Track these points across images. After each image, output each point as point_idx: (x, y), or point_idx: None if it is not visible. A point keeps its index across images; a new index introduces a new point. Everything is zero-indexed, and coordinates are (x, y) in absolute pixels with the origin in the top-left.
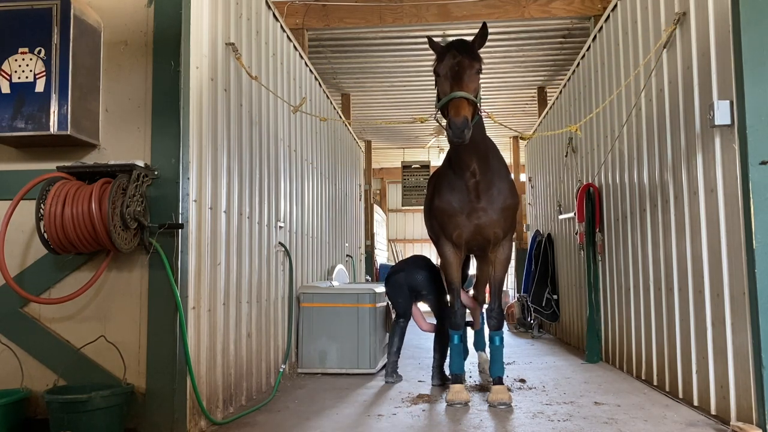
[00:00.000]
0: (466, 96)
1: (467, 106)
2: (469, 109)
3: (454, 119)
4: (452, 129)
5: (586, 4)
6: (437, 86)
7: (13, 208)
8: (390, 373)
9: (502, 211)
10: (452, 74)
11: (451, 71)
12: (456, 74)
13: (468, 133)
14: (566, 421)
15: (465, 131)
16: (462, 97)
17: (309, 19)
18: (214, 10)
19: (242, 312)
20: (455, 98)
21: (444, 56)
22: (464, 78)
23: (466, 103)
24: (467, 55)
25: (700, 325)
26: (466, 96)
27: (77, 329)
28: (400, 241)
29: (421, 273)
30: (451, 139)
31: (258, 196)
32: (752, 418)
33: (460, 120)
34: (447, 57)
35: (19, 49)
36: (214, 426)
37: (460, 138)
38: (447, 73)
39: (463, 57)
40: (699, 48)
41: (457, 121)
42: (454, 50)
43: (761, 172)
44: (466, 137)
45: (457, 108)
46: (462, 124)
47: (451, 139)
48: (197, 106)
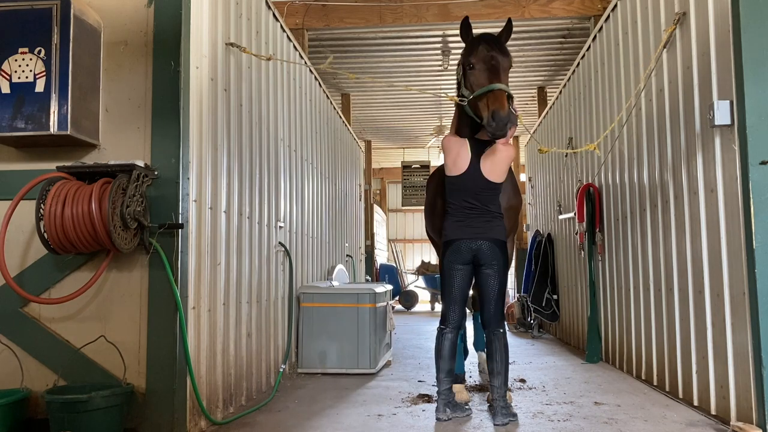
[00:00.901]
0: (507, 90)
1: (508, 101)
2: (509, 103)
3: (500, 111)
4: (496, 121)
5: (586, 4)
6: (466, 76)
7: (13, 208)
8: (441, 407)
9: (506, 210)
10: (490, 66)
11: (487, 64)
12: (494, 67)
13: (510, 127)
14: (566, 421)
15: (508, 125)
16: (505, 91)
17: (309, 19)
18: (214, 10)
19: (242, 312)
20: (497, 90)
21: (477, 47)
22: (502, 74)
23: (505, 97)
24: (501, 50)
25: (700, 325)
26: (507, 90)
27: (77, 329)
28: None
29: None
30: (494, 132)
31: (258, 196)
32: (752, 418)
33: (506, 112)
34: (482, 48)
35: (19, 49)
36: (214, 426)
37: (503, 132)
38: (484, 65)
39: (498, 51)
40: (699, 48)
41: (502, 114)
42: (487, 43)
43: (761, 172)
44: (506, 132)
45: (502, 100)
46: (506, 117)
47: (493, 132)
48: (197, 106)
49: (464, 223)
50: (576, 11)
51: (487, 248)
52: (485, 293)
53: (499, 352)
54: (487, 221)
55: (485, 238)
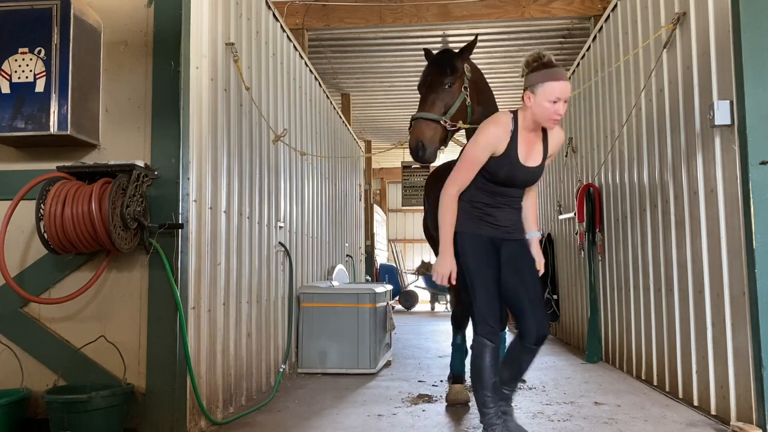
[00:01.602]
0: (425, 116)
1: (427, 127)
2: (431, 129)
3: (409, 142)
4: (410, 151)
5: (586, 4)
6: None
7: (13, 208)
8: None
9: None
10: (423, 93)
11: (421, 90)
12: (424, 95)
13: (425, 154)
14: (566, 421)
15: (420, 153)
16: (419, 119)
17: (309, 19)
18: (214, 10)
19: (242, 312)
20: (413, 119)
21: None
22: (429, 97)
23: (425, 123)
24: (437, 70)
25: (700, 325)
26: (424, 116)
27: (77, 329)
28: (400, 241)
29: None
30: (414, 160)
31: (258, 196)
32: (752, 418)
33: (413, 142)
34: (423, 74)
35: (19, 49)
36: (214, 426)
37: (419, 158)
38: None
39: (432, 73)
40: (699, 48)
41: (411, 144)
42: (428, 66)
43: (761, 172)
44: (425, 158)
45: (413, 132)
46: (415, 145)
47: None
48: (197, 106)
49: None
50: (576, 11)
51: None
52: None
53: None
54: None
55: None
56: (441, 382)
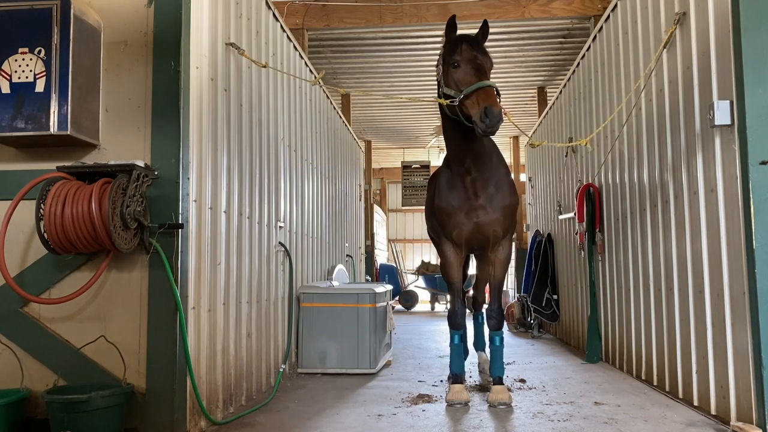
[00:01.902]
0: (495, 86)
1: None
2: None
3: (493, 108)
4: (489, 118)
5: (586, 4)
6: (449, 75)
7: (13, 208)
8: None
9: (502, 209)
10: (476, 65)
11: (474, 62)
12: (479, 65)
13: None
14: (566, 421)
15: (500, 122)
16: (493, 87)
17: (309, 19)
18: (214, 10)
19: (242, 312)
20: (487, 87)
21: (461, 45)
22: (487, 71)
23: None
24: (484, 51)
25: (700, 325)
26: (495, 86)
27: (77, 329)
28: (400, 241)
29: None
30: (485, 129)
31: (258, 196)
32: (752, 418)
33: (498, 109)
34: (465, 47)
35: (19, 49)
36: (214, 426)
37: (495, 128)
38: (470, 63)
39: (480, 51)
40: (699, 48)
41: (495, 110)
42: (468, 43)
43: (761, 172)
44: (496, 129)
45: (493, 97)
46: (499, 113)
47: (484, 129)
48: (197, 106)
49: None
50: (576, 11)
51: None
52: None
53: None
54: None
55: None
56: (441, 382)
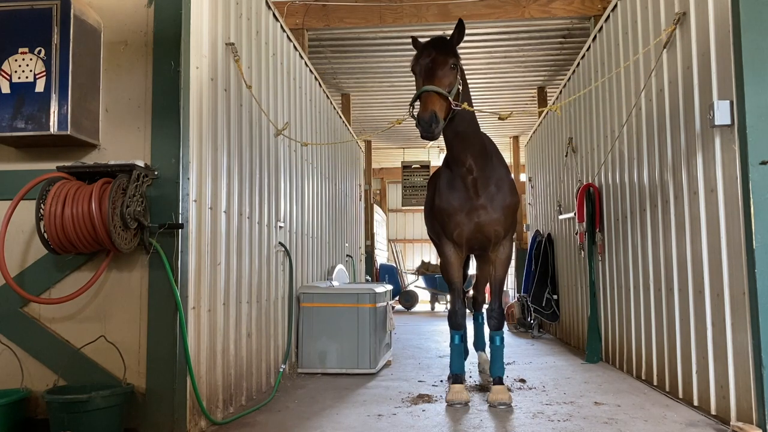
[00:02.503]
0: (436, 90)
1: (437, 101)
2: (440, 103)
3: (422, 114)
4: (420, 124)
5: (586, 4)
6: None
7: (13, 208)
8: None
9: (502, 209)
10: (425, 70)
11: (424, 68)
12: (428, 70)
13: (437, 127)
14: (566, 421)
15: (433, 125)
16: (431, 91)
17: (309, 19)
18: (214, 10)
19: (242, 312)
20: (423, 92)
21: (419, 54)
22: (436, 73)
23: (435, 97)
24: (440, 50)
25: (700, 325)
26: (435, 90)
27: (77, 329)
28: (400, 241)
29: None
30: (421, 134)
31: (258, 196)
32: (752, 418)
33: (427, 114)
34: (422, 55)
35: (19, 49)
36: (214, 426)
37: (429, 132)
38: (420, 70)
39: (436, 53)
40: (699, 48)
41: (425, 116)
42: (429, 47)
43: (761, 172)
44: (434, 132)
45: (425, 102)
46: (429, 118)
47: (421, 134)
48: (197, 106)
49: None
50: (576, 11)
51: None
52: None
53: None
54: None
55: None
56: (441, 382)
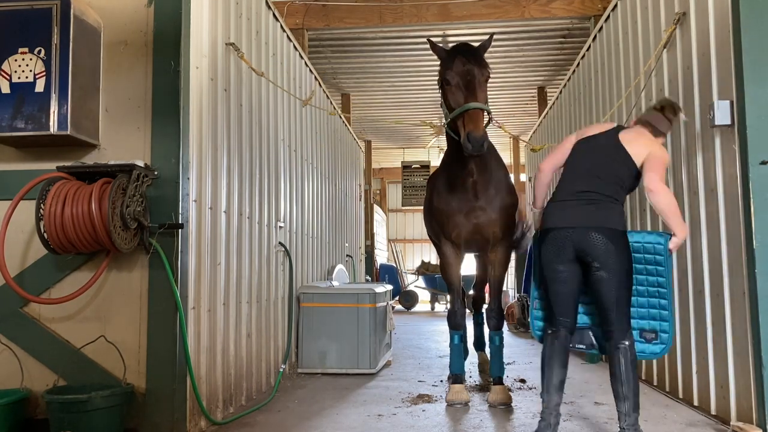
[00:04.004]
0: (483, 107)
1: (483, 119)
2: (485, 120)
3: (474, 133)
4: (472, 143)
5: (586, 4)
6: (445, 93)
7: (13, 208)
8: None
9: (501, 210)
10: (465, 83)
11: (463, 80)
12: (469, 83)
13: (487, 145)
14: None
15: (485, 145)
16: (479, 109)
17: (309, 19)
18: (214, 10)
19: (242, 312)
20: (472, 110)
21: (452, 62)
22: (477, 87)
23: (482, 114)
24: (477, 62)
25: (700, 325)
26: (483, 107)
27: (77, 329)
28: (400, 241)
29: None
30: (471, 152)
31: (258, 196)
32: (752, 418)
33: (480, 134)
34: (456, 63)
35: (19, 49)
36: (214, 426)
37: (481, 152)
38: (459, 82)
39: (473, 65)
40: (699, 48)
41: (478, 136)
42: (462, 56)
43: (761, 172)
44: (485, 150)
45: (477, 121)
46: (482, 138)
47: (470, 152)
48: (197, 106)
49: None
50: (576, 11)
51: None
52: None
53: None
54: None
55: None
56: (441, 382)
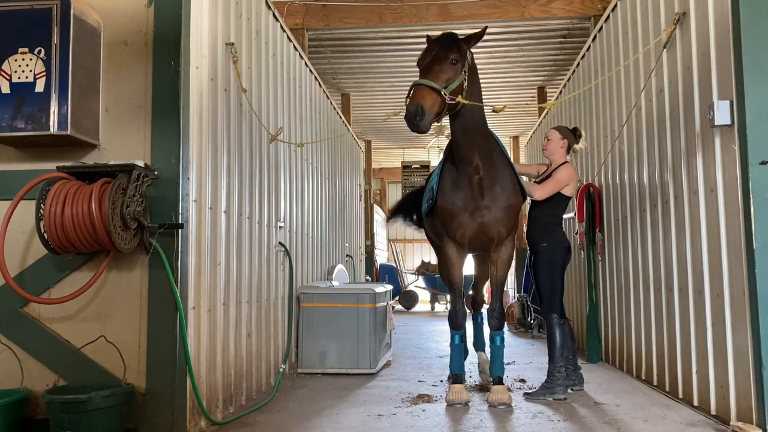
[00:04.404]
0: (428, 84)
1: (427, 94)
2: (432, 97)
3: (408, 106)
4: (406, 116)
5: (586, 4)
6: None
7: (13, 208)
8: (562, 390)
9: (506, 209)
10: (424, 65)
11: (423, 62)
12: (427, 65)
13: (422, 120)
14: (566, 421)
15: (417, 118)
16: (422, 85)
17: (309, 19)
18: (214, 10)
19: (242, 312)
20: (413, 86)
21: (424, 50)
22: (433, 68)
23: (426, 90)
24: (443, 46)
25: (700, 325)
26: (427, 84)
27: (77, 329)
28: (400, 241)
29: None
30: (409, 126)
31: (258, 196)
32: (752, 418)
33: (413, 107)
34: (426, 50)
35: (19, 49)
36: (214, 426)
37: (413, 125)
38: (421, 66)
39: (439, 48)
40: (699, 48)
41: (410, 108)
42: (434, 43)
43: (761, 172)
44: (419, 125)
45: (413, 95)
46: (414, 110)
47: (409, 127)
48: (197, 106)
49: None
50: (576, 11)
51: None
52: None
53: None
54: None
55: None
56: (441, 382)
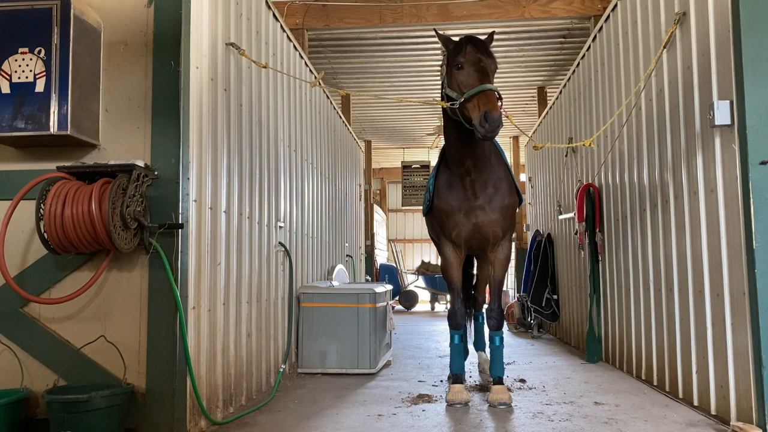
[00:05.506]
0: (498, 90)
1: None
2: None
3: (492, 113)
4: (489, 123)
5: (586, 4)
6: (455, 77)
7: (13, 208)
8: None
9: (501, 209)
10: (479, 68)
11: (476, 65)
12: (483, 68)
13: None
14: (566, 421)
15: (499, 127)
16: (495, 90)
17: (309, 19)
18: (214, 10)
19: (242, 312)
20: (488, 90)
21: (464, 49)
22: (490, 73)
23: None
24: (487, 52)
25: (700, 325)
26: (497, 90)
27: (77, 329)
28: (400, 241)
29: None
30: (484, 134)
31: (258, 196)
32: (752, 418)
33: (498, 114)
34: (469, 50)
35: (19, 49)
36: (214, 426)
37: (494, 133)
38: (472, 66)
39: (484, 54)
40: (699, 48)
41: (495, 116)
42: (473, 45)
43: (761, 172)
44: (496, 133)
45: (494, 102)
46: (499, 118)
47: (484, 134)
48: (197, 106)
49: None
50: (576, 11)
51: None
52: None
53: None
54: None
55: None
56: (441, 382)
